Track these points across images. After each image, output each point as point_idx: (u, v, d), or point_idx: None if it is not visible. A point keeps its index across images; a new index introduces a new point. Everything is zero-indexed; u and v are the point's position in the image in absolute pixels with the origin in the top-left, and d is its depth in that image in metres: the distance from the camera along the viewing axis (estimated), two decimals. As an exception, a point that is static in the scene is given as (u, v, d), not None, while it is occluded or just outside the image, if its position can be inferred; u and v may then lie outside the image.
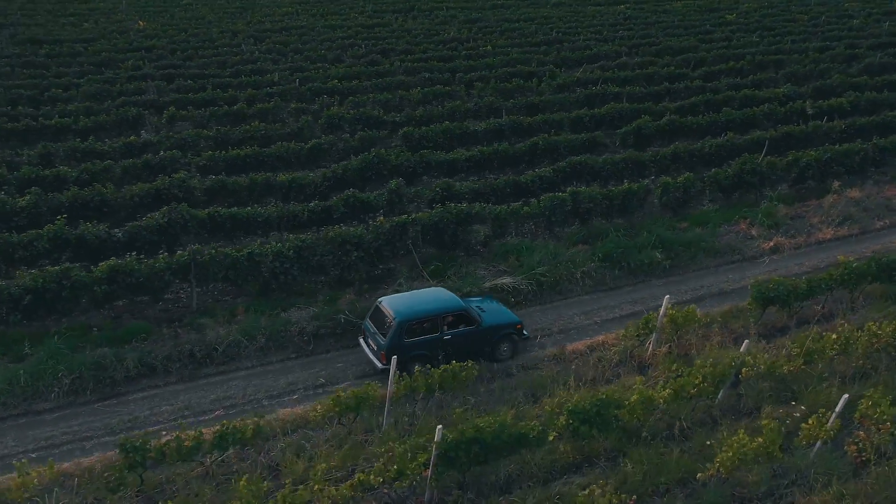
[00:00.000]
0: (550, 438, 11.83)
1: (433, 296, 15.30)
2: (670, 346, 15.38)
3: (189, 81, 31.17)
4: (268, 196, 21.43)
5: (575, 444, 12.38)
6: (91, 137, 24.44)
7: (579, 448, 12.41)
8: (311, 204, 19.65)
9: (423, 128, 25.68)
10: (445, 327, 14.75)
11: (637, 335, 15.04)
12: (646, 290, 18.60)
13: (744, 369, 13.37)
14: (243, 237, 19.27)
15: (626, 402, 12.35)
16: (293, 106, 28.37)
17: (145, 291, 16.11)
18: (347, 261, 17.41)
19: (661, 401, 12.67)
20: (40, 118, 25.59)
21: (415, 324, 14.50)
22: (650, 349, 15.21)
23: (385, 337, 14.41)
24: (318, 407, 12.30)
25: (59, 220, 17.43)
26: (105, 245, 17.52)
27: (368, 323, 15.17)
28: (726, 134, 25.55)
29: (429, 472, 11.07)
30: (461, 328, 14.89)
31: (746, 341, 13.54)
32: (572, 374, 14.49)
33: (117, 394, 14.35)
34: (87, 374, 14.23)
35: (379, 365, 14.49)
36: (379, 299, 15.31)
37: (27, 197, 19.10)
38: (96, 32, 41.44)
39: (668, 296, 15.01)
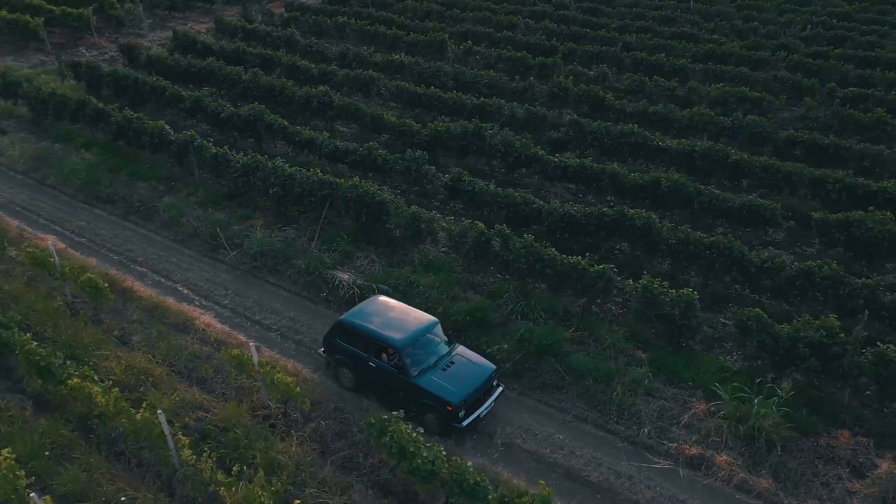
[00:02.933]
0: None
1: (403, 319, 13.46)
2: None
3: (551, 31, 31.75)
4: (380, 133, 22.96)
5: None
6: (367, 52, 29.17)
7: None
8: (345, 143, 20.74)
9: (597, 123, 21.45)
10: (383, 356, 13.10)
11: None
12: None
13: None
14: (300, 152, 21.97)
15: None
16: (570, 68, 26.63)
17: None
18: (263, 190, 18.87)
19: None
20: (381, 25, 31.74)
21: (350, 332, 13.37)
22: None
23: None
24: None
25: (204, 89, 23.76)
26: (217, 119, 23.12)
27: None
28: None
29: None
30: (388, 365, 13.01)
31: None
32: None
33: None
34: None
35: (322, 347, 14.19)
36: (376, 294, 14.85)
37: (250, 74, 25.79)
38: None
39: None
